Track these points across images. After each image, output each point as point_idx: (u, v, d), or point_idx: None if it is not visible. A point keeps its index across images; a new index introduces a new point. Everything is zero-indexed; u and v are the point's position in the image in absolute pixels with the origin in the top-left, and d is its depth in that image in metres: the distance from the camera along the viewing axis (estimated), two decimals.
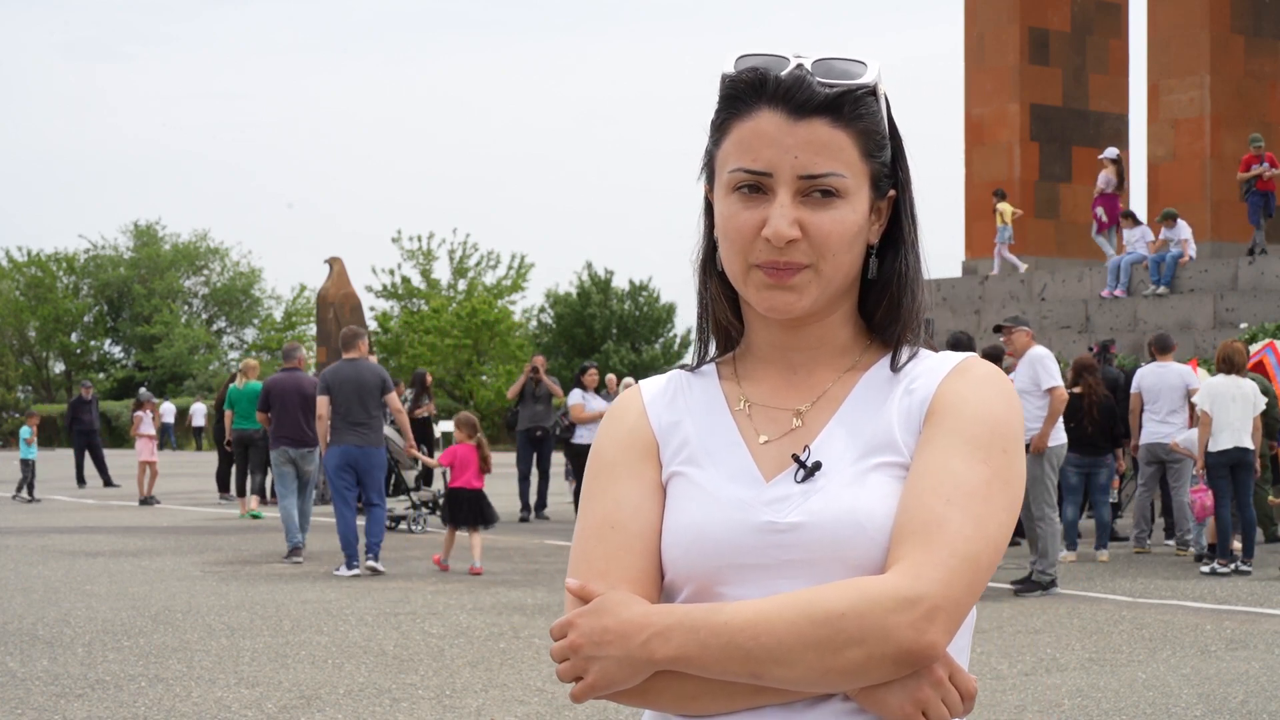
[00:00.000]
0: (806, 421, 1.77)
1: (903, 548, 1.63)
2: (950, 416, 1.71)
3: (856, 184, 1.72)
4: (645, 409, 1.85)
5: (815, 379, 1.79)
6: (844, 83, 1.71)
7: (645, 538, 1.75)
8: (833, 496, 1.69)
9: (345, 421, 13.19)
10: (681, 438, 1.80)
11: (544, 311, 60.21)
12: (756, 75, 1.72)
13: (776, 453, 1.76)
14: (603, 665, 1.66)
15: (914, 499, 1.66)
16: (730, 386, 1.83)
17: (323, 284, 41.84)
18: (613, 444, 1.83)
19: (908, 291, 1.79)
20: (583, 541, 1.78)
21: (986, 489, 1.66)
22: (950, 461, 1.67)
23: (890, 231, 1.80)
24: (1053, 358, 12.35)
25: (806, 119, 1.70)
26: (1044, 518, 11.68)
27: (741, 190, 1.72)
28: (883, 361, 1.79)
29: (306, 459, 15.00)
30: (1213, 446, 13.13)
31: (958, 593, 1.61)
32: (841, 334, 1.80)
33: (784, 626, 1.60)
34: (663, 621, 1.65)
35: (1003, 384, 1.75)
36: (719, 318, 1.84)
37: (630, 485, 1.79)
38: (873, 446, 1.72)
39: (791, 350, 1.80)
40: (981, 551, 1.63)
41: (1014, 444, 1.71)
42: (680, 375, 1.88)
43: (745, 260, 1.72)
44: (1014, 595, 11.53)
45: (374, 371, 13.49)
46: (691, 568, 1.72)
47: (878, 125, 1.74)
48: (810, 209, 1.70)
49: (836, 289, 1.74)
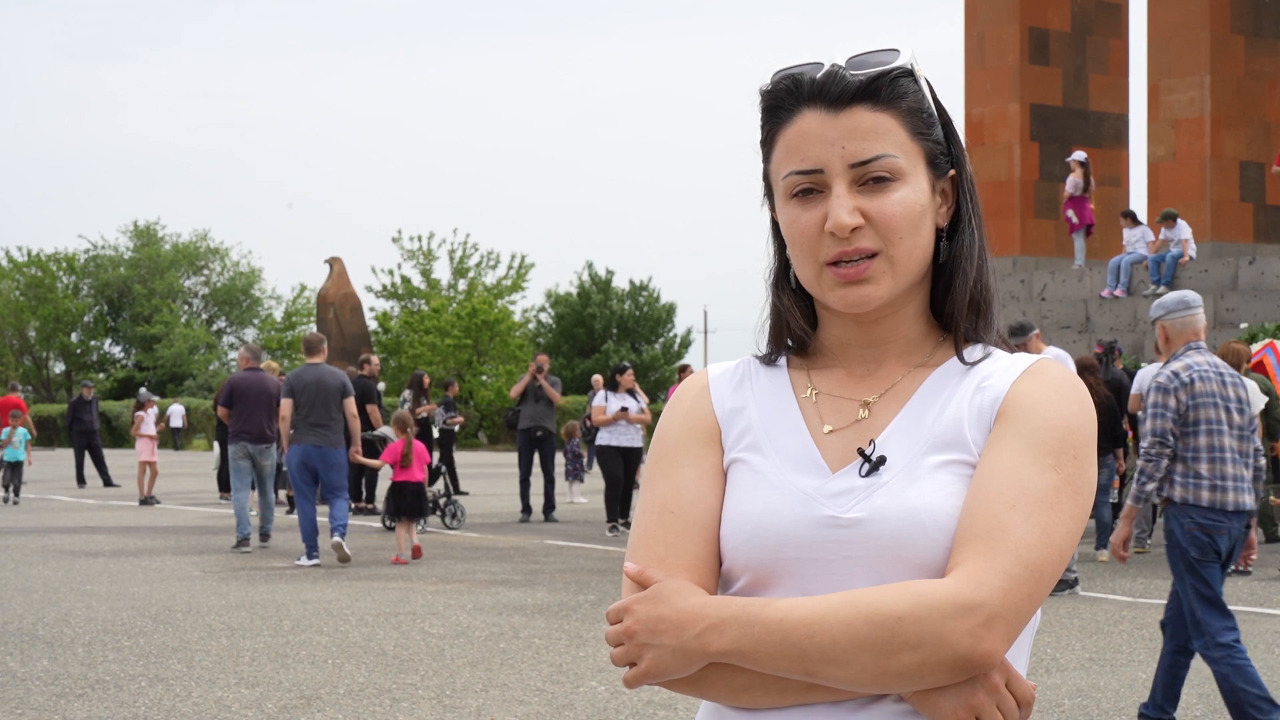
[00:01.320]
0: (873, 413, 1.76)
1: (964, 552, 1.61)
2: (1021, 419, 1.68)
3: (911, 164, 1.71)
4: (710, 393, 1.84)
5: (884, 372, 1.78)
6: (878, 68, 1.70)
7: (704, 525, 1.74)
8: (896, 493, 1.68)
9: (306, 422, 14.04)
10: (745, 423, 1.79)
11: (544, 311, 60.25)
12: (791, 80, 1.72)
13: (841, 443, 1.74)
14: (657, 654, 1.65)
15: (979, 502, 1.64)
16: (799, 375, 1.82)
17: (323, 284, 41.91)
18: (675, 428, 1.82)
19: (977, 274, 1.77)
20: (642, 526, 1.77)
21: (1055, 496, 1.64)
22: (1019, 465, 1.65)
23: (955, 213, 1.79)
24: (1069, 359, 12.37)
25: (847, 109, 1.69)
26: None
27: (798, 194, 1.71)
28: (955, 359, 1.77)
29: (264, 455, 15.67)
30: None
31: (1017, 601, 1.59)
32: (914, 328, 1.78)
33: (840, 627, 1.59)
34: (718, 614, 1.64)
35: (1077, 388, 1.73)
36: (794, 329, 1.82)
37: (691, 470, 1.77)
38: (940, 443, 1.70)
39: (864, 346, 1.78)
40: (1046, 561, 1.61)
41: (1085, 451, 1.69)
42: (750, 361, 1.87)
43: (816, 261, 1.71)
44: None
45: (335, 376, 14.37)
46: (750, 558, 1.71)
47: (921, 103, 1.73)
48: (869, 196, 1.69)
49: (911, 275, 1.72)
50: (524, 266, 58.79)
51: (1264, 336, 18.39)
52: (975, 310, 1.78)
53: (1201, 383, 6.66)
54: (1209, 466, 6.63)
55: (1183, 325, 6.83)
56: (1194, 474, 6.65)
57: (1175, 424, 6.66)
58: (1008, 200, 27.08)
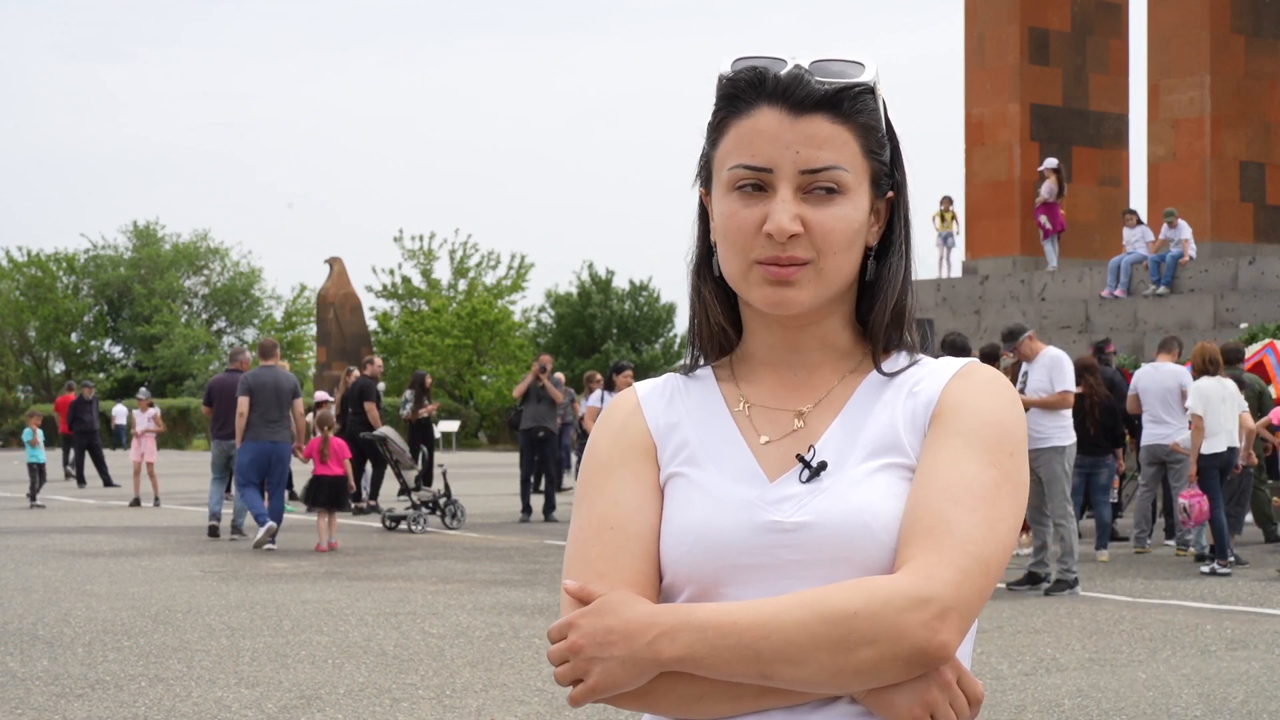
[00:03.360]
0: (808, 422, 1.75)
1: (912, 548, 1.62)
2: (956, 419, 1.70)
3: (857, 181, 1.71)
4: (642, 409, 1.82)
5: (817, 380, 1.78)
6: (843, 80, 1.71)
7: (644, 539, 1.73)
8: (839, 496, 1.68)
9: (262, 420, 15.74)
10: (680, 439, 1.78)
11: (544, 311, 60.25)
12: (755, 74, 1.71)
13: (779, 453, 1.74)
14: (606, 666, 1.62)
15: (922, 500, 1.65)
16: (729, 388, 1.81)
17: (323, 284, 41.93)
18: (609, 444, 1.80)
19: (899, 296, 1.78)
20: (580, 542, 1.74)
21: (995, 491, 1.66)
22: (959, 463, 1.66)
23: (886, 234, 1.79)
24: (1069, 360, 12.32)
25: (806, 115, 1.69)
26: (1065, 515, 11.71)
27: (742, 188, 1.70)
28: (884, 365, 1.78)
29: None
30: (1207, 449, 13.13)
31: (969, 594, 1.60)
32: (843, 336, 1.79)
33: (794, 626, 1.58)
34: (669, 621, 1.61)
35: (1006, 389, 1.75)
36: (713, 322, 1.82)
37: (628, 485, 1.76)
38: (878, 448, 1.71)
39: (792, 352, 1.78)
40: (992, 554, 1.63)
41: (1019, 447, 1.71)
42: (675, 378, 1.85)
43: (746, 258, 1.70)
44: (1043, 595, 11.61)
45: (288, 378, 16.11)
46: (693, 569, 1.70)
47: (877, 123, 1.73)
48: (812, 205, 1.69)
49: (836, 288, 1.73)
50: (524, 266, 58.80)
51: (1264, 336, 18.41)
52: (896, 325, 1.79)
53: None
54: None
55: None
56: None
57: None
58: (1008, 200, 27.09)
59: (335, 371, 39.15)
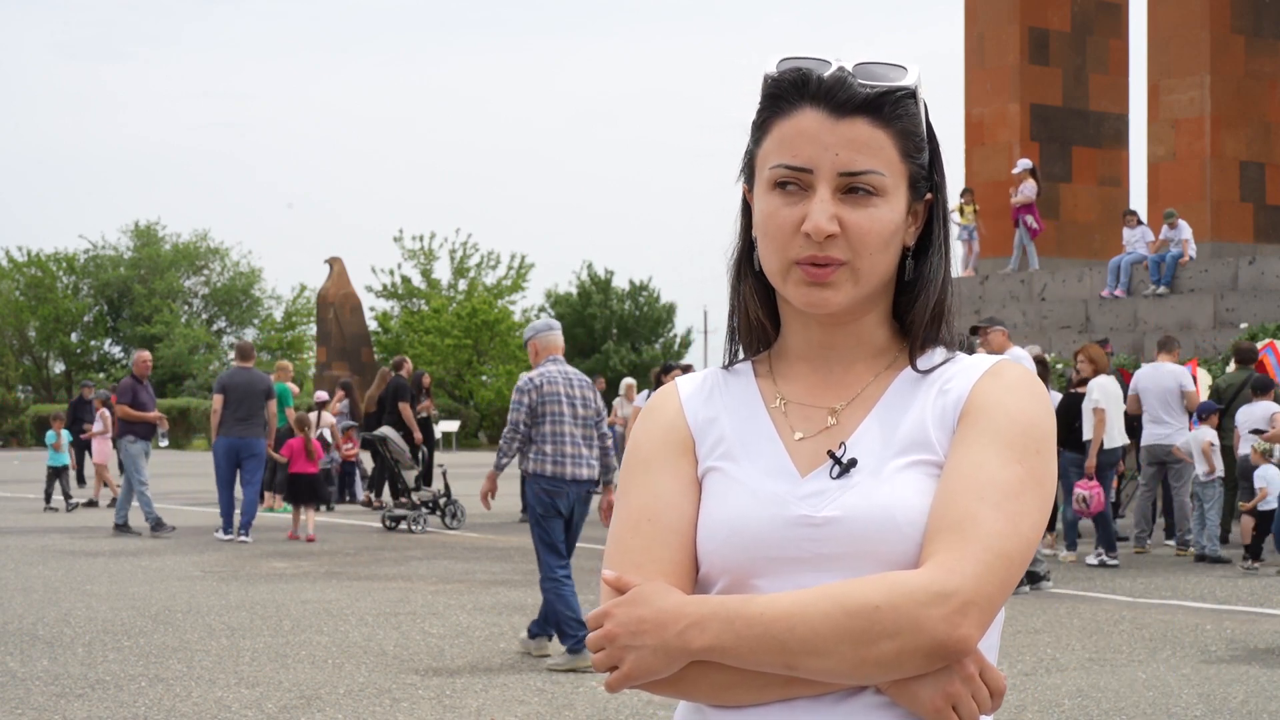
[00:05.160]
0: (842, 419, 1.79)
1: (936, 543, 1.65)
2: (985, 417, 1.73)
3: (895, 184, 1.74)
4: (682, 405, 1.87)
5: (851, 378, 1.82)
6: (885, 84, 1.74)
7: (681, 531, 1.78)
8: (868, 492, 1.72)
9: (235, 417, 16.54)
10: (718, 434, 1.83)
11: (544, 311, 60.20)
12: (799, 75, 1.74)
13: (812, 449, 1.78)
14: (639, 655, 1.68)
15: (949, 496, 1.68)
16: (766, 384, 1.86)
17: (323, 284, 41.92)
18: (649, 439, 1.85)
19: (940, 295, 1.82)
20: (619, 534, 1.80)
21: (1020, 488, 1.69)
22: (985, 461, 1.70)
23: (924, 235, 1.83)
24: (1030, 358, 12.40)
25: (848, 118, 1.72)
26: None
27: (782, 187, 1.74)
28: (919, 362, 1.82)
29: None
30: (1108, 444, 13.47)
31: (991, 589, 1.63)
32: (878, 334, 1.82)
33: (819, 618, 1.62)
34: (698, 611, 1.67)
35: (1036, 387, 1.78)
36: (752, 316, 1.86)
37: (667, 479, 1.81)
38: (907, 445, 1.75)
39: (829, 349, 1.82)
40: (1015, 550, 1.66)
41: (1047, 445, 1.74)
42: (716, 373, 1.90)
43: (785, 256, 1.74)
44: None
45: (262, 379, 16.97)
46: (727, 561, 1.74)
47: (917, 127, 1.77)
48: (849, 207, 1.72)
49: (872, 288, 1.76)
50: (524, 267, 58.81)
51: (1264, 336, 18.40)
52: (935, 323, 1.83)
53: (549, 385, 8.86)
54: (551, 447, 8.83)
55: (546, 342, 9.12)
56: (542, 452, 8.83)
57: (527, 416, 8.85)
58: (1008, 200, 27.03)
59: (335, 371, 39.17)
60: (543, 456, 8.86)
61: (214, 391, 16.78)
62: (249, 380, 16.75)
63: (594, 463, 8.99)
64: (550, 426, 8.84)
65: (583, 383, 9.02)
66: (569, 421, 8.87)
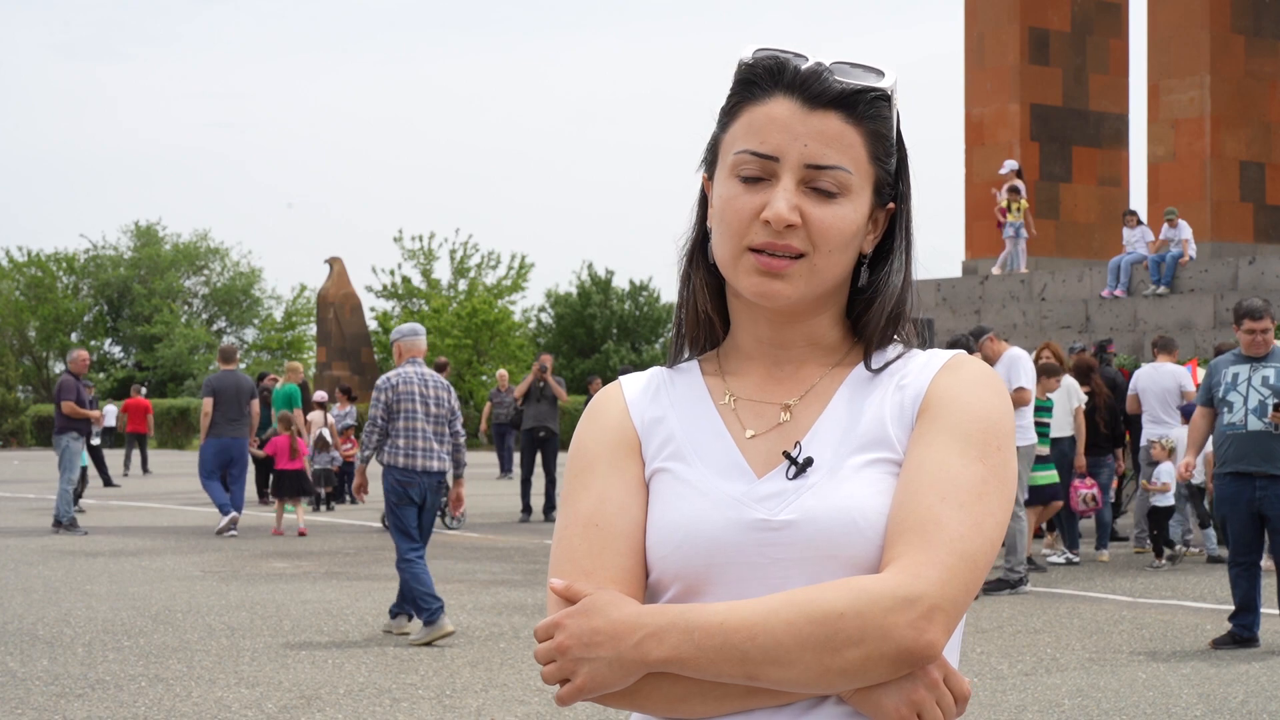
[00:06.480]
0: (795, 416, 1.74)
1: (899, 546, 1.61)
2: (944, 413, 1.69)
3: (860, 185, 1.71)
4: (626, 405, 1.81)
5: (803, 374, 1.77)
6: (861, 83, 1.71)
7: (630, 536, 1.71)
8: (826, 493, 1.67)
9: (224, 418, 17.36)
10: (665, 433, 1.77)
11: (544, 311, 60.23)
12: (776, 62, 1.71)
13: (765, 447, 1.73)
14: (593, 667, 1.62)
15: (910, 496, 1.64)
16: (714, 382, 1.80)
17: (323, 284, 41.92)
18: (594, 441, 1.79)
19: (896, 303, 1.77)
20: (565, 540, 1.73)
21: (983, 487, 1.64)
22: (946, 459, 1.65)
23: (883, 243, 1.79)
24: (1029, 358, 12.44)
25: (820, 110, 1.69)
26: (1014, 515, 11.70)
27: (745, 174, 1.70)
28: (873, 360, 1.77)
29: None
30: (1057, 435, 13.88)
31: (956, 592, 1.58)
32: (831, 334, 1.78)
33: (781, 627, 1.57)
34: (655, 622, 1.61)
35: (995, 382, 1.73)
36: (700, 310, 1.81)
37: (613, 482, 1.74)
38: (865, 442, 1.70)
39: (779, 347, 1.77)
40: (979, 551, 1.61)
41: (1007, 441, 1.69)
42: (661, 372, 1.84)
43: (740, 243, 1.69)
44: (983, 593, 11.52)
45: (247, 381, 17.87)
46: (680, 566, 1.69)
47: (888, 131, 1.74)
48: (812, 201, 1.68)
49: (825, 288, 1.72)
50: (524, 267, 58.76)
51: None
52: (891, 325, 1.78)
53: (405, 385, 9.65)
54: (404, 441, 9.58)
55: (409, 345, 9.88)
56: (396, 445, 9.60)
57: (384, 412, 9.62)
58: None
59: (336, 372, 39.19)
60: (397, 450, 9.61)
61: (203, 395, 17.47)
62: (236, 383, 17.53)
63: (445, 456, 9.76)
64: (404, 422, 9.61)
65: (438, 384, 9.83)
66: (422, 418, 9.65)
